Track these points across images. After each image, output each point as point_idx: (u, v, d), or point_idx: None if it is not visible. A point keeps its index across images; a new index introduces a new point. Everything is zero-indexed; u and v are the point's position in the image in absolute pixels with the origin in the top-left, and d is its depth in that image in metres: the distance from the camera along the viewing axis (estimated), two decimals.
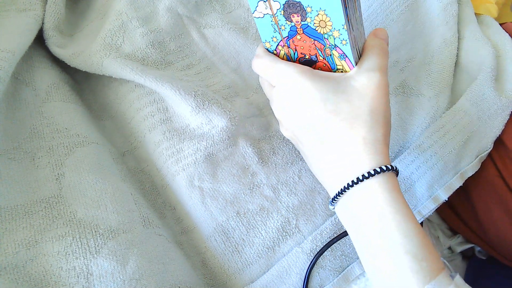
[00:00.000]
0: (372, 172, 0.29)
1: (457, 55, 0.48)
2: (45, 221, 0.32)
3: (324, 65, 0.34)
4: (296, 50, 0.34)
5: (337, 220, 0.38)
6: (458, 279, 0.27)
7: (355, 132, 0.30)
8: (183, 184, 0.39)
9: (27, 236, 0.31)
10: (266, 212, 0.38)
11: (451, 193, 0.40)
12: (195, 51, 0.47)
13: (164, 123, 0.41)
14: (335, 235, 0.38)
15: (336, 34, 0.31)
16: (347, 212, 0.31)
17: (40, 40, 0.44)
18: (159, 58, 0.44)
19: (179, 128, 0.41)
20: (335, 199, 0.31)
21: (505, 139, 0.42)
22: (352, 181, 0.30)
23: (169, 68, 0.45)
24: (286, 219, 0.38)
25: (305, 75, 0.31)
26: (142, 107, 0.42)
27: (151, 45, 0.44)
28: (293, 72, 0.32)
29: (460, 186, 0.40)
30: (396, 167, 0.30)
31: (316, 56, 0.34)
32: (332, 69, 0.34)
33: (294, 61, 0.35)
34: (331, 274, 0.37)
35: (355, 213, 0.30)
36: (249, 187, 0.39)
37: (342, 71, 0.33)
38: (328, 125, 0.31)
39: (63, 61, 0.43)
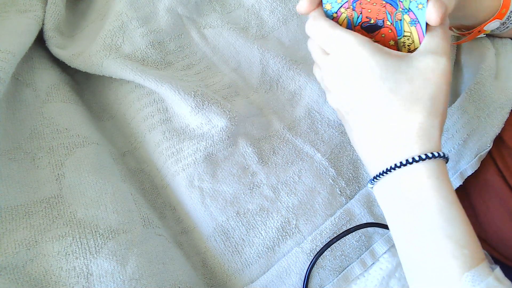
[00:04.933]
0: (423, 157, 0.28)
1: (457, 54, 0.48)
2: (45, 221, 0.32)
3: (390, 31, 0.32)
4: (361, 13, 0.32)
5: (337, 220, 0.38)
6: (498, 271, 0.27)
7: (412, 115, 0.29)
8: (183, 184, 0.39)
9: (27, 236, 0.31)
10: (266, 212, 0.38)
11: None
12: (195, 51, 0.47)
13: (164, 123, 0.41)
14: (335, 235, 0.37)
15: None
16: (388, 193, 0.31)
17: (40, 41, 0.44)
18: (159, 58, 0.45)
19: (179, 128, 0.41)
20: (377, 178, 0.31)
21: (505, 138, 0.42)
22: (401, 162, 0.29)
23: (169, 68, 0.45)
24: (286, 219, 0.38)
25: (366, 48, 0.30)
26: (142, 108, 0.42)
27: (151, 45, 0.44)
28: (354, 43, 0.30)
29: (460, 185, 0.40)
30: (446, 155, 0.29)
31: (383, 21, 0.32)
32: (398, 35, 0.32)
33: (355, 26, 0.33)
34: (331, 274, 0.37)
35: (398, 194, 0.30)
36: (249, 187, 0.39)
37: (408, 39, 0.32)
38: (383, 104, 0.30)
39: (64, 62, 0.44)
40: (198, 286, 0.35)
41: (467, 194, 0.43)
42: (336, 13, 0.33)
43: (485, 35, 0.43)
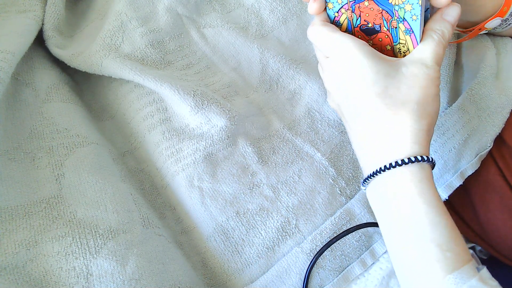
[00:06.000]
0: (406, 161, 0.29)
1: (457, 53, 0.48)
2: (45, 221, 0.32)
3: (386, 36, 0.33)
4: (360, 16, 0.33)
5: (337, 220, 0.38)
6: (485, 272, 0.27)
7: (399, 119, 0.30)
8: (182, 184, 0.39)
9: (27, 237, 0.31)
10: (266, 212, 0.38)
11: (451, 192, 0.40)
12: (195, 51, 0.47)
13: (163, 123, 0.41)
14: (335, 235, 0.37)
15: (408, 7, 0.31)
16: (377, 195, 0.32)
17: (40, 41, 0.44)
18: (158, 58, 0.45)
19: (179, 128, 0.41)
20: (367, 180, 0.32)
21: (506, 137, 0.42)
22: (385, 166, 0.30)
23: (168, 68, 0.45)
24: (286, 219, 0.38)
25: (362, 51, 0.31)
26: (141, 107, 0.42)
27: (150, 45, 0.44)
28: (351, 46, 0.31)
29: (460, 185, 0.40)
30: (433, 159, 0.30)
31: (380, 26, 0.33)
32: (394, 42, 0.33)
33: (354, 27, 0.34)
34: (331, 274, 0.37)
35: (385, 197, 0.31)
36: (248, 187, 0.39)
37: (403, 46, 0.33)
38: (372, 107, 0.31)
39: (63, 62, 0.44)
40: (198, 286, 0.35)
41: (468, 194, 0.43)
42: (337, 12, 0.34)
43: (486, 32, 0.43)
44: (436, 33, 0.31)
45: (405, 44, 0.33)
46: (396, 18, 0.32)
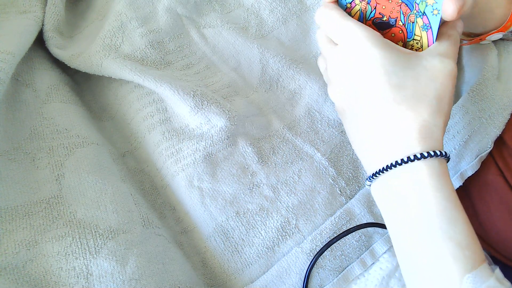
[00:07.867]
0: (425, 154, 0.28)
1: (458, 54, 0.48)
2: (45, 221, 0.32)
3: (400, 31, 0.32)
4: (375, 8, 0.32)
5: (337, 220, 0.38)
6: (498, 272, 0.27)
7: (415, 113, 0.29)
8: (182, 184, 0.39)
9: (27, 237, 0.31)
10: (265, 212, 0.38)
11: None
12: (195, 51, 0.47)
13: (163, 123, 0.41)
14: (335, 235, 0.37)
15: (430, 1, 0.30)
16: (386, 191, 0.31)
17: (40, 42, 0.44)
18: (158, 58, 0.45)
19: (179, 128, 0.41)
20: (376, 175, 0.30)
21: (507, 138, 0.42)
22: (402, 159, 0.28)
23: (168, 68, 0.45)
24: (286, 219, 0.38)
25: (375, 42, 0.30)
26: (141, 108, 0.42)
27: (150, 45, 0.44)
28: (363, 36, 0.30)
29: (461, 186, 0.40)
30: (448, 154, 0.29)
31: (395, 20, 0.32)
32: (407, 38, 0.32)
33: (367, 20, 0.33)
34: (331, 274, 0.37)
35: (396, 193, 0.30)
36: (248, 187, 0.39)
37: (417, 43, 0.32)
38: (387, 99, 0.29)
39: (63, 62, 0.44)
40: (198, 286, 0.35)
41: (468, 194, 0.43)
42: (350, 3, 0.33)
43: (487, 42, 0.43)
44: (451, 36, 0.31)
45: (419, 41, 0.32)
46: (415, 12, 0.31)
